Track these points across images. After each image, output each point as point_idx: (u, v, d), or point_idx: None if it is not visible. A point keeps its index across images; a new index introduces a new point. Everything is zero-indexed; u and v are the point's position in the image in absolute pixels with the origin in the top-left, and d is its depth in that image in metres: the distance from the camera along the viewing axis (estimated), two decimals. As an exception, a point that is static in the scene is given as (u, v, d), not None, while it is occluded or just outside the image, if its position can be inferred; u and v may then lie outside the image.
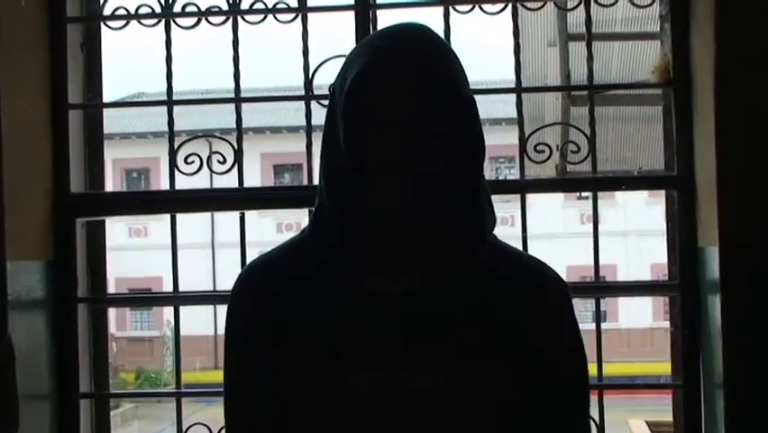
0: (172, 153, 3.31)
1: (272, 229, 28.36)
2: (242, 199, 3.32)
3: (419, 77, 1.64)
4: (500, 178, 26.38)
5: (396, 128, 1.63)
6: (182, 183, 3.28)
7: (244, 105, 3.34)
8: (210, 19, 3.30)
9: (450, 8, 3.20)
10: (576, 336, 1.79)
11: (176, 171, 3.30)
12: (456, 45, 3.24)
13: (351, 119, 1.66)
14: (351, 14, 3.22)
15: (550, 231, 25.64)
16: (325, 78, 3.20)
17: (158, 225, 27.50)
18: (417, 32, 1.72)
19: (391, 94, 1.64)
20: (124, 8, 3.32)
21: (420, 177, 1.64)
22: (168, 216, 3.37)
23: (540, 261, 1.83)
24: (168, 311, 24.77)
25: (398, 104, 1.63)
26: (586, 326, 2.06)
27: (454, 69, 1.70)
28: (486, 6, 3.21)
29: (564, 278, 1.86)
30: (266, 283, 1.79)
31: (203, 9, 3.29)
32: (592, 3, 3.23)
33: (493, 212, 1.79)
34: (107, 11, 3.35)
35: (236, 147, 3.28)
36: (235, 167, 3.28)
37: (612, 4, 3.22)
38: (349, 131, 1.66)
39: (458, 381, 1.67)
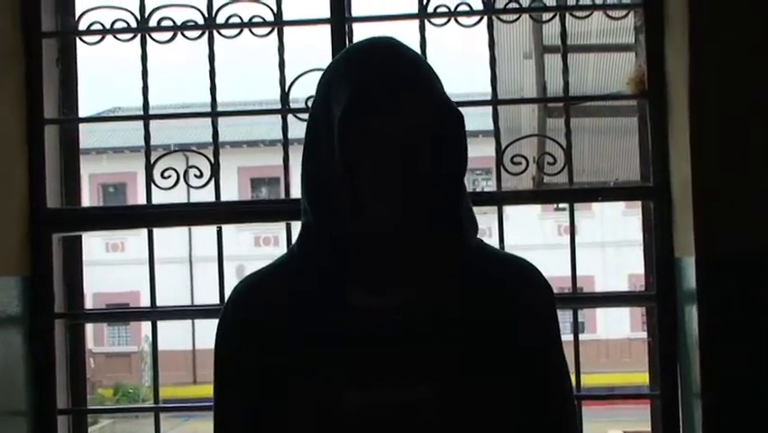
0: (149, 168, 3.29)
1: (250, 243, 28.32)
2: (219, 213, 3.31)
3: (413, 98, 1.66)
4: (477, 190, 26.43)
5: (394, 152, 1.64)
6: (159, 198, 3.27)
7: (221, 120, 3.33)
8: (186, 33, 3.30)
9: (426, 21, 3.21)
10: (558, 340, 1.83)
11: (152, 186, 3.29)
12: (432, 58, 3.26)
13: (349, 146, 1.66)
14: (326, 28, 3.22)
15: (527, 242, 25.55)
16: (302, 92, 3.21)
17: (135, 239, 27.40)
18: (395, 50, 1.73)
19: (387, 118, 1.65)
20: (100, 23, 3.31)
21: (414, 194, 1.66)
22: (145, 231, 3.36)
23: (526, 263, 1.86)
24: (145, 326, 24.70)
25: (395, 127, 1.65)
26: (564, 337, 2.07)
27: (439, 84, 1.72)
28: (461, 19, 3.22)
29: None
30: (257, 303, 1.80)
31: (178, 23, 3.29)
32: (567, 15, 3.24)
33: (474, 218, 1.81)
34: (82, 25, 3.34)
35: (213, 161, 3.28)
36: (212, 181, 3.28)
37: (587, 17, 3.24)
38: (345, 158, 1.66)
39: (448, 393, 1.69)
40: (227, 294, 1.91)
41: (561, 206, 3.74)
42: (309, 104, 3.20)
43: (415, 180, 1.66)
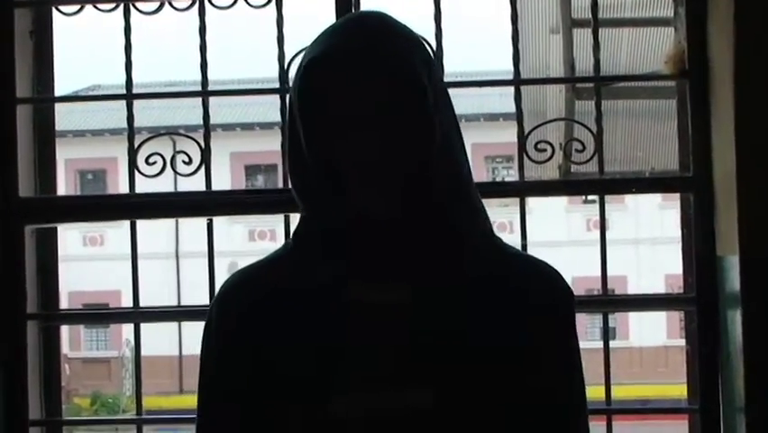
0: (132, 153, 3.30)
1: (244, 237, 28.35)
2: (209, 204, 3.32)
3: (371, 66, 1.70)
4: (497, 179, 26.41)
5: (355, 123, 1.69)
6: (143, 186, 3.27)
7: (212, 100, 3.33)
8: (174, 3, 3.30)
9: (441, -9, 3.21)
10: (577, 353, 1.84)
11: (136, 173, 3.29)
12: (448, 33, 3.26)
13: (308, 119, 1.72)
14: (330, -2, 3.22)
15: (552, 238, 25.66)
16: (303, 69, 3.21)
17: (116, 232, 27.43)
18: (368, 19, 1.78)
19: (345, 87, 1.70)
20: (79, -9, 3.32)
21: (395, 176, 1.71)
22: (127, 223, 3.37)
23: (543, 264, 1.87)
24: (127, 329, 24.72)
25: (354, 98, 1.69)
26: (593, 344, 2.08)
27: (407, 54, 1.74)
28: (481, -11, 3.22)
29: (569, 290, 1.88)
30: (245, 300, 1.83)
31: (166, -8, 3.29)
32: (599, -15, 3.24)
33: (478, 210, 1.82)
34: (59, -6, 3.34)
35: (203, 146, 3.28)
36: (202, 168, 3.28)
37: (621, -13, 3.24)
38: (309, 133, 1.72)
39: (450, 398, 1.71)
40: (218, 293, 1.92)
41: (590, 198, 3.75)
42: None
43: (382, 161, 1.69)
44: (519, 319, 1.77)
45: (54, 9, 3.38)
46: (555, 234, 26.93)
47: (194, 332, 1.92)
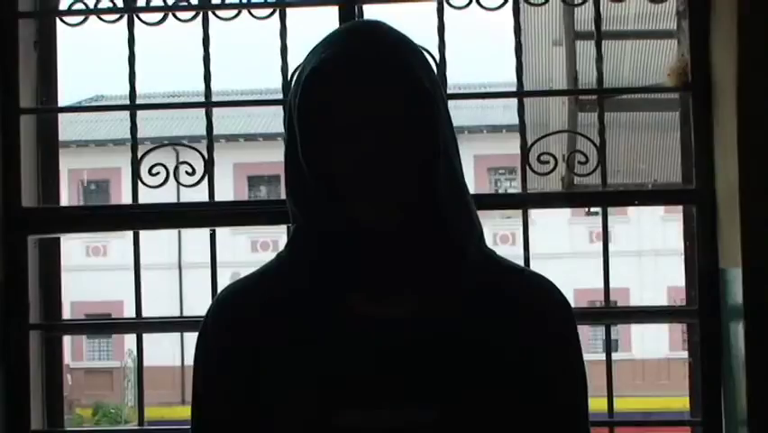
0: (135, 163, 3.30)
1: (246, 248, 28.33)
2: (212, 215, 3.31)
3: (374, 73, 1.69)
4: (500, 191, 26.40)
5: (358, 132, 1.68)
6: (146, 197, 3.27)
7: (216, 111, 3.33)
8: (178, 14, 3.30)
9: (444, 3, 3.21)
10: (580, 365, 1.83)
11: (139, 183, 3.29)
12: (451, 44, 3.26)
13: (308, 131, 1.70)
14: (334, 10, 3.22)
15: (555, 250, 25.67)
16: (306, 81, 3.20)
17: (119, 243, 27.43)
18: (369, 27, 1.78)
19: (347, 96, 1.69)
20: (83, 2, 3.31)
21: (396, 184, 1.69)
22: (130, 234, 3.37)
23: (540, 277, 1.87)
24: (129, 339, 24.70)
25: (357, 106, 1.68)
26: (596, 355, 2.08)
27: (410, 60, 1.73)
28: (484, 1, 3.22)
29: (571, 302, 1.89)
30: (241, 312, 1.82)
31: (170, 3, 3.29)
32: (602, -3, 3.24)
33: (474, 221, 1.81)
34: (63, 5, 3.34)
35: (206, 157, 3.28)
36: (205, 179, 3.28)
37: (624, -1, 3.24)
38: (308, 141, 1.71)
39: (451, 415, 1.70)
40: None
41: (593, 210, 3.74)
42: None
43: (390, 165, 1.68)
44: (516, 331, 1.76)
45: (58, 20, 3.38)
46: (558, 246, 26.93)
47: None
